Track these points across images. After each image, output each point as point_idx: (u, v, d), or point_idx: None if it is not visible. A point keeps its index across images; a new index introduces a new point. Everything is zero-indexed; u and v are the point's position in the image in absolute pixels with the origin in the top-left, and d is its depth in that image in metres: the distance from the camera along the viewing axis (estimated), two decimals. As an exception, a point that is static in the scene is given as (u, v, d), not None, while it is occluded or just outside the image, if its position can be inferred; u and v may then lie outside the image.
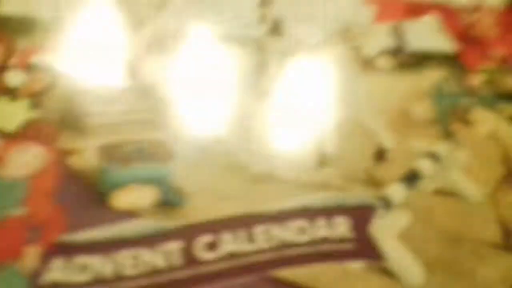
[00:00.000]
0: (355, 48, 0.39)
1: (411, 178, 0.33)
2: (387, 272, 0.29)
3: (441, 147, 0.35)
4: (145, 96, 0.32)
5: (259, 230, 0.28)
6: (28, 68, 0.31)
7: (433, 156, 0.35)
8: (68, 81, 0.31)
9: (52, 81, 0.30)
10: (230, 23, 0.38)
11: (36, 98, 0.30)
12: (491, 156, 0.36)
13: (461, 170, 0.34)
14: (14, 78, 0.30)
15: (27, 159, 0.27)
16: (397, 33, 0.42)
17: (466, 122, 0.38)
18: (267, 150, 0.32)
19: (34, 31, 0.33)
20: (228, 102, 0.33)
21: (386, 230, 0.30)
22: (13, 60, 0.31)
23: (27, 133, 0.28)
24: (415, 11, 0.45)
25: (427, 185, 0.33)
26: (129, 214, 0.27)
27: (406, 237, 0.30)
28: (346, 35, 0.40)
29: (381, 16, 0.43)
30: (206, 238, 0.27)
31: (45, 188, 0.26)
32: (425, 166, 0.34)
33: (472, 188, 0.34)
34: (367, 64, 0.39)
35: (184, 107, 0.32)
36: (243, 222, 0.28)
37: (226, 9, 0.39)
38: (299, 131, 0.33)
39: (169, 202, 0.28)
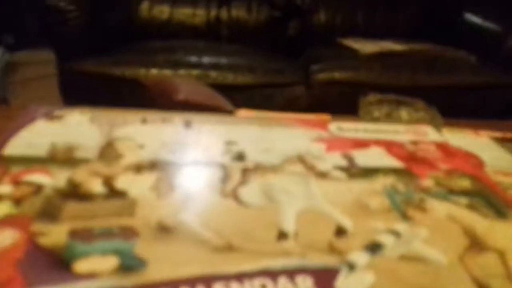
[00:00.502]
0: (310, 167, 0.45)
1: (374, 248, 0.34)
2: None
3: (401, 227, 0.37)
4: (120, 197, 0.36)
5: (217, 286, 0.28)
6: (17, 183, 0.36)
7: (394, 233, 0.36)
8: (48, 189, 0.35)
9: (35, 191, 0.35)
10: (199, 155, 0.45)
11: (17, 201, 0.34)
12: (451, 231, 0.37)
13: (423, 242, 0.35)
14: (1, 189, 0.35)
15: (1, 238, 0.29)
16: (347, 157, 0.48)
17: (422, 210, 0.40)
18: (228, 228, 0.34)
19: (30, 163, 0.39)
20: (196, 199, 0.37)
21: (351, 286, 0.30)
22: (5, 179, 0.36)
23: (5, 221, 0.31)
24: (361, 144, 0.52)
25: (390, 253, 0.34)
26: (89, 276, 0.28)
27: (373, 292, 0.29)
28: (301, 159, 0.46)
29: (330, 149, 0.50)
30: (163, 293, 0.27)
31: (11, 258, 0.28)
32: (386, 239, 0.35)
33: (437, 254, 0.34)
34: (322, 175, 0.43)
35: (155, 204, 0.36)
36: (202, 281, 0.28)
37: (196, 147, 0.46)
38: (258, 215, 0.36)
39: (129, 267, 0.29)
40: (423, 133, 0.58)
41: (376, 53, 1.68)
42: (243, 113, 0.65)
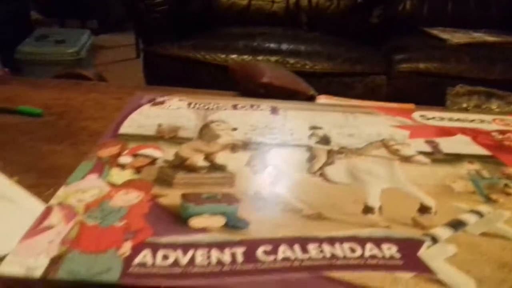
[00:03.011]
0: (393, 151, 0.47)
1: (456, 225, 0.36)
2: (438, 281, 0.29)
3: (484, 208, 0.38)
4: (220, 170, 0.41)
5: (312, 246, 0.32)
6: (135, 155, 0.42)
7: (477, 213, 0.37)
8: (160, 161, 0.41)
9: (150, 162, 0.41)
10: (286, 138, 0.49)
11: (137, 169, 0.40)
12: (536, 215, 0.38)
13: (505, 223, 0.36)
14: (123, 159, 0.41)
15: (129, 198, 0.35)
16: (431, 144, 0.50)
17: (506, 194, 0.41)
18: (317, 201, 0.37)
19: (143, 140, 0.46)
20: (287, 176, 0.41)
21: (434, 255, 0.32)
22: (125, 151, 0.42)
23: (130, 185, 0.37)
24: (446, 132, 0.53)
25: (472, 230, 0.35)
26: (203, 230, 0.33)
27: (454, 261, 0.31)
28: (385, 144, 0.48)
29: (414, 135, 0.52)
30: (265, 247, 0.31)
31: (139, 213, 0.34)
32: (469, 218, 0.37)
33: (521, 234, 0.35)
34: (405, 159, 0.45)
35: (251, 177, 0.40)
36: (297, 240, 0.32)
37: (283, 130, 0.50)
38: (345, 191, 0.39)
39: (234, 226, 0.33)
40: (511, 124, 0.57)
41: (466, 43, 1.60)
42: (323, 98, 0.68)
